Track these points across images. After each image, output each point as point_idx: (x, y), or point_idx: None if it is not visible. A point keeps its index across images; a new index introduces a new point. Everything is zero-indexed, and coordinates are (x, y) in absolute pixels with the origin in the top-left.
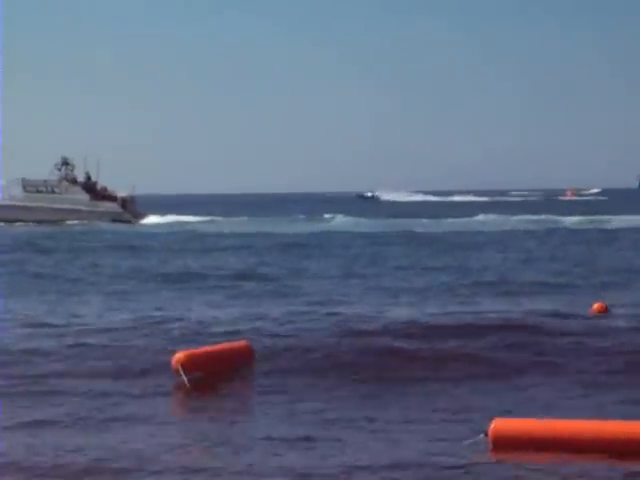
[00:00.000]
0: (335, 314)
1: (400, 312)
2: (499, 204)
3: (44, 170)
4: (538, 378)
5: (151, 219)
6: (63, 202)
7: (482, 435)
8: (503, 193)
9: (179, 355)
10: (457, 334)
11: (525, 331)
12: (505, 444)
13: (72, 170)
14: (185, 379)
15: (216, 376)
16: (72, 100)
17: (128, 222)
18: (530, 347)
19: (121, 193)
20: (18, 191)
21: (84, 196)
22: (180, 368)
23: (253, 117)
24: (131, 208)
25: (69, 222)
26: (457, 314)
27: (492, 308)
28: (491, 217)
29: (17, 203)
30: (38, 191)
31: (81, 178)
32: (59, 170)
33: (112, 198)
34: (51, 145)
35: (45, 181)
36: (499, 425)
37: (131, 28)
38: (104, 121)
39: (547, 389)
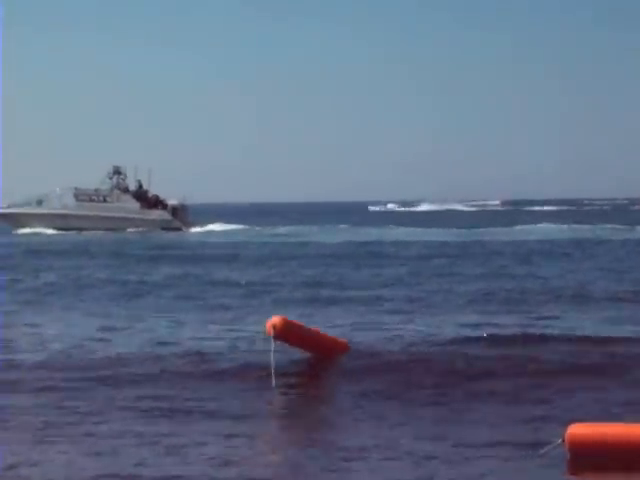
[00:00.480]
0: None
1: (484, 321)
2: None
3: (97, 179)
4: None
5: (210, 227)
6: (114, 210)
7: (559, 441)
8: (575, 203)
9: (276, 319)
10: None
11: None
12: (582, 450)
13: (124, 179)
14: (272, 357)
15: (302, 354)
16: (125, 109)
17: (178, 230)
18: (615, 358)
19: (172, 201)
20: (70, 200)
21: (135, 204)
22: (272, 331)
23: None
24: (181, 216)
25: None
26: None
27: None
28: (564, 227)
29: (69, 212)
30: (90, 200)
31: (133, 187)
32: (110, 179)
33: (163, 206)
34: (104, 154)
35: (97, 190)
36: (576, 430)
37: (178, 38)
38: (158, 129)
39: (622, 393)
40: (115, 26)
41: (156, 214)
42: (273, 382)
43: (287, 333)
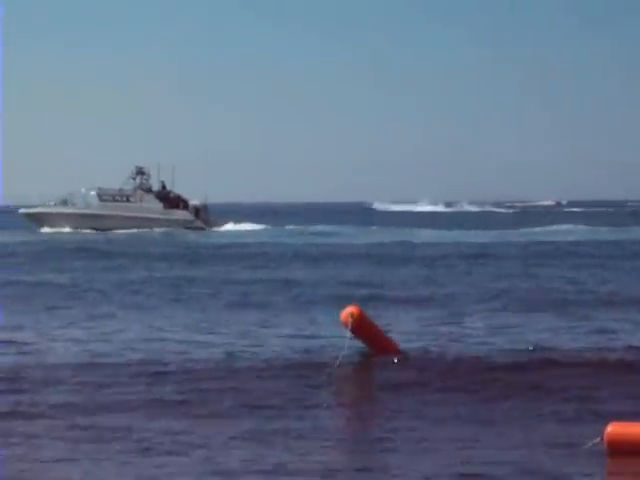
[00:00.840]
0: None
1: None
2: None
3: (121, 179)
4: None
5: (227, 227)
6: (137, 211)
7: (598, 439)
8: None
9: (352, 308)
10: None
11: None
12: (621, 449)
13: (147, 179)
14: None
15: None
16: (150, 110)
17: (201, 229)
18: None
19: (194, 201)
20: (94, 200)
21: (157, 205)
22: (350, 321)
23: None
24: (203, 216)
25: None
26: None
27: None
28: (580, 227)
29: (92, 211)
30: (114, 200)
31: (156, 187)
32: (133, 179)
33: (185, 206)
34: (128, 154)
35: (120, 190)
36: (615, 429)
37: (204, 37)
38: (181, 130)
39: None
40: (134, 23)
41: (179, 214)
42: (337, 362)
43: (360, 324)
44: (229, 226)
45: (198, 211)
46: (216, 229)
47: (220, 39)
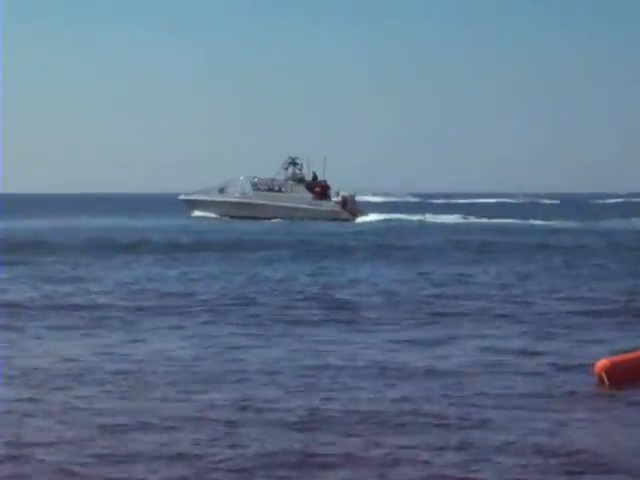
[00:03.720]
0: None
1: None
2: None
3: (274, 169)
4: None
5: (370, 217)
6: (288, 200)
7: None
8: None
9: (602, 364)
10: None
11: None
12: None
13: (300, 169)
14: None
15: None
16: (301, 101)
17: (345, 220)
18: None
19: (342, 192)
20: (249, 189)
21: (307, 195)
22: (604, 375)
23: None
24: (351, 207)
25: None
26: None
27: None
28: None
29: (245, 200)
30: (267, 189)
31: (309, 178)
32: (286, 169)
33: (333, 197)
34: (283, 144)
35: (273, 180)
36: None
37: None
38: (336, 120)
39: None
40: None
41: (326, 205)
42: None
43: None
44: (373, 216)
45: (345, 202)
46: (360, 219)
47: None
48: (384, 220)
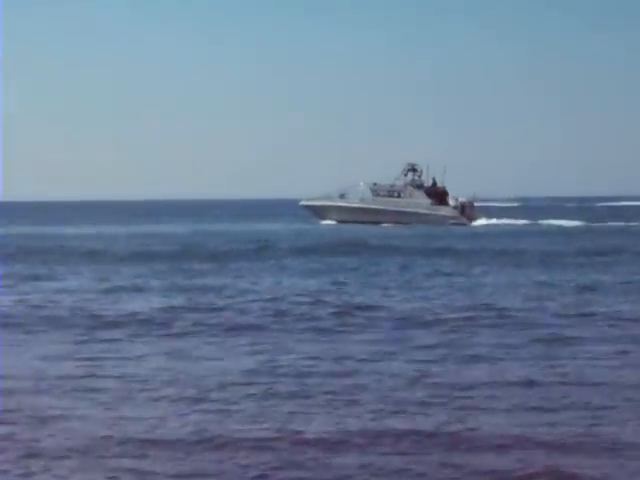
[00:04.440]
0: None
1: None
2: None
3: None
4: None
5: (480, 222)
6: (406, 206)
7: None
8: None
9: None
10: None
11: None
12: None
13: (419, 176)
14: None
15: None
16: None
17: (462, 225)
18: None
19: (461, 198)
20: (368, 194)
21: (426, 201)
22: None
23: None
24: (469, 213)
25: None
26: None
27: None
28: None
29: (364, 205)
30: (386, 195)
31: (428, 184)
32: (405, 175)
33: (452, 202)
34: (404, 150)
35: (392, 185)
36: None
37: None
38: (455, 127)
39: None
40: None
41: (444, 210)
42: None
43: None
44: (493, 221)
45: (464, 208)
46: (476, 224)
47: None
48: (502, 225)
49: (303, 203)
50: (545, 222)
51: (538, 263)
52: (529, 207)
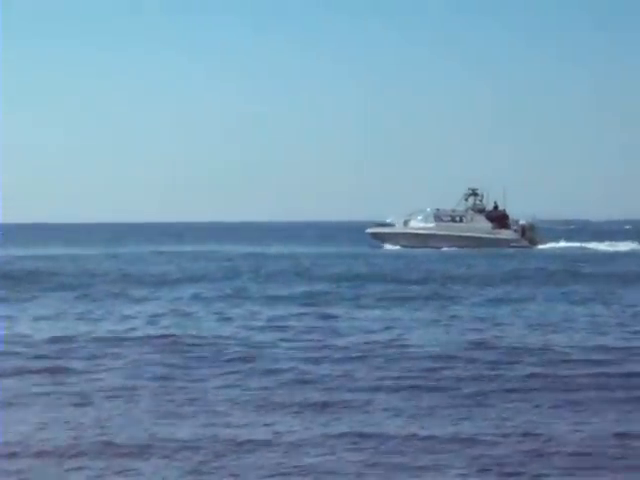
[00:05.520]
0: None
1: None
2: None
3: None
4: None
5: (549, 245)
6: (467, 230)
7: None
8: None
9: None
10: None
11: None
12: None
13: (481, 200)
14: None
15: None
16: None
17: (524, 248)
18: None
19: (521, 221)
20: (431, 220)
21: (487, 225)
22: None
23: None
24: (529, 235)
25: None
26: None
27: None
28: None
29: (427, 231)
30: (448, 220)
31: (489, 207)
32: (466, 200)
33: (512, 225)
34: (464, 175)
35: (454, 210)
36: None
37: None
38: (516, 150)
39: None
40: None
41: (505, 234)
42: None
43: None
44: (552, 244)
45: (525, 230)
46: (541, 247)
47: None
48: (566, 248)
49: (369, 231)
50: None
51: None
52: (585, 229)
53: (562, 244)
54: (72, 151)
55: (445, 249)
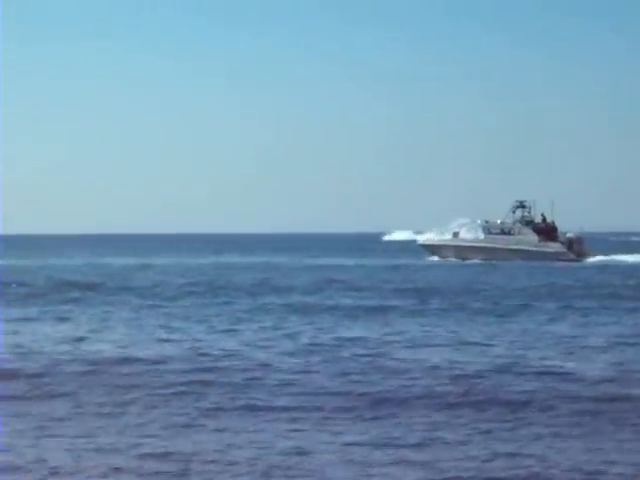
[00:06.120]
0: None
1: None
2: None
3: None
4: None
5: (597, 259)
6: (515, 243)
7: None
8: None
9: None
10: None
11: None
12: None
13: (529, 212)
14: None
15: None
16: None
17: (571, 261)
18: None
19: (568, 234)
20: (479, 232)
21: (534, 237)
22: None
23: None
24: (576, 248)
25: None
26: None
27: None
28: None
29: (477, 244)
30: (498, 232)
31: (537, 220)
32: (514, 212)
33: (559, 238)
34: (515, 188)
35: (502, 223)
36: None
37: None
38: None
39: None
40: None
41: (552, 246)
42: None
43: None
44: (599, 258)
45: (572, 243)
46: (589, 260)
47: None
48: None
49: (419, 242)
50: None
51: None
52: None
53: (611, 257)
54: (72, 163)
55: (494, 262)
